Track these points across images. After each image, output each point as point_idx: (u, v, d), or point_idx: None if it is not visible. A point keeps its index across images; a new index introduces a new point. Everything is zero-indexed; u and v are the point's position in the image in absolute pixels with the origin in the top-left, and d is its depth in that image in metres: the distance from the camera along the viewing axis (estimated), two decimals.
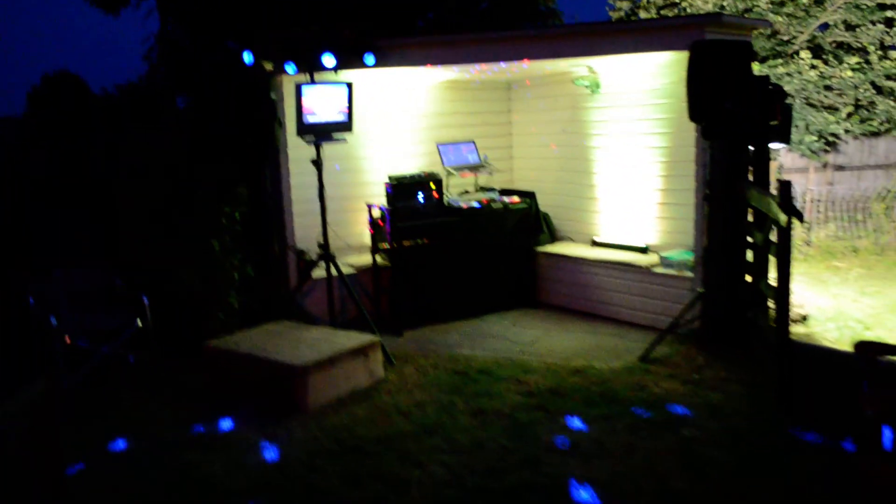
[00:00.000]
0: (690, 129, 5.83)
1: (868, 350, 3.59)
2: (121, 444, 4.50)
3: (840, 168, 12.28)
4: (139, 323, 5.62)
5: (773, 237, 4.74)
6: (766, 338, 5.10)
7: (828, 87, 11.52)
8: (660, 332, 5.75)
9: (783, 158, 12.63)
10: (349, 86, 5.77)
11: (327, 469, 4.04)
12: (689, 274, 6.03)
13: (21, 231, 5.96)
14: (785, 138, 5.70)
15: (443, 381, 5.29)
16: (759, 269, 5.26)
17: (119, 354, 5.57)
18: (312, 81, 5.66)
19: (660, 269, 6.30)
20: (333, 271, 5.99)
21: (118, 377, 5.58)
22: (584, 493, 3.68)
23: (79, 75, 14.01)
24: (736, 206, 5.39)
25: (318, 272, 6.28)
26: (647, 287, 6.38)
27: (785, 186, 4.38)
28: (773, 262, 4.76)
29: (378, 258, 6.79)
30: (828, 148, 11.95)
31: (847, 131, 11.65)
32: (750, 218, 5.39)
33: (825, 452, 3.99)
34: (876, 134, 11.77)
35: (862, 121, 11.61)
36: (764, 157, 5.56)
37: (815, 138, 11.61)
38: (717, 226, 5.51)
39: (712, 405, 4.67)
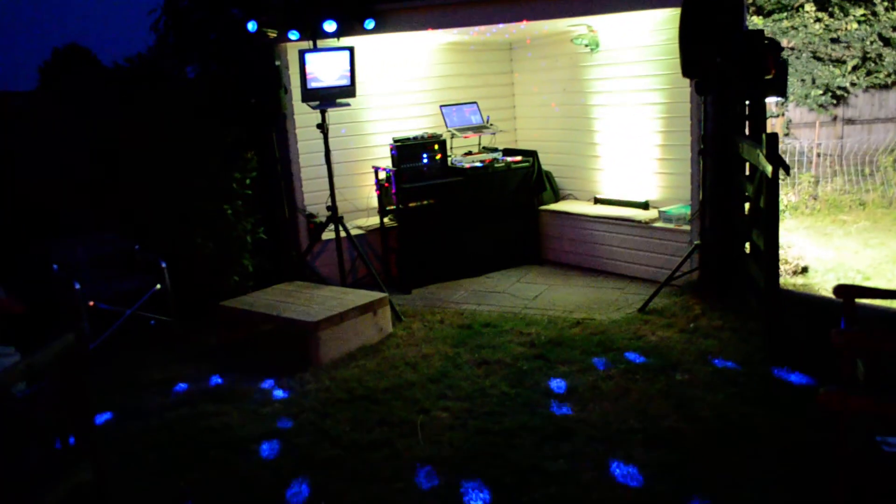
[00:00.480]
0: (687, 85, 5.95)
1: (846, 292, 3.77)
2: (144, 398, 4.79)
3: (850, 122, 12.27)
4: (158, 286, 5.87)
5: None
6: (758, 287, 5.27)
7: (834, 40, 11.47)
8: (658, 285, 5.93)
9: (791, 113, 12.63)
10: (351, 51, 5.92)
11: (338, 416, 4.30)
12: (687, 227, 6.19)
13: (42, 199, 6.20)
14: (781, 92, 5.81)
15: (449, 335, 5.53)
16: (753, 221, 5.41)
17: (140, 316, 5.84)
18: (315, 48, 5.82)
19: (659, 224, 6.46)
20: (342, 233, 6.21)
21: (140, 338, 5.86)
22: (578, 433, 3.91)
23: (89, 48, 14.19)
24: (729, 160, 5.53)
25: (328, 234, 6.51)
26: (647, 241, 6.55)
27: (771, 139, 4.51)
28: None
29: (385, 219, 7.00)
30: (836, 102, 11.93)
31: (854, 84, 11.63)
32: (748, 172, 5.53)
33: (806, 390, 4.19)
34: (886, 87, 11.73)
35: (868, 73, 11.57)
36: (760, 111, 5.67)
37: (820, 92, 11.61)
38: (711, 179, 5.66)
39: (706, 351, 4.87)
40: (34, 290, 5.62)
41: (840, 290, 3.80)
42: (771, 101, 10.99)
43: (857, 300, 3.61)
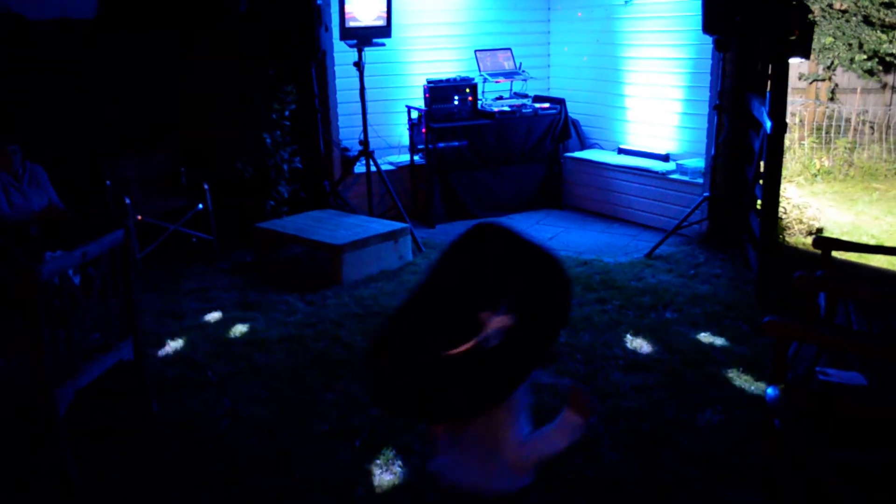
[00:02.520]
0: (709, 42, 6.12)
1: (824, 244, 4.06)
2: (181, 302, 5.34)
3: None
4: (200, 206, 6.37)
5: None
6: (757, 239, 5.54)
7: (886, 5, 11.29)
8: (666, 233, 6.23)
9: (839, 78, 12.51)
10: None
11: (352, 327, 4.77)
12: (700, 180, 6.44)
13: (97, 121, 6.71)
14: (805, 53, 5.95)
15: None
16: (759, 176, 5.64)
17: (183, 233, 6.36)
18: None
19: (675, 176, 6.72)
20: (373, 167, 6.61)
21: (182, 253, 6.39)
22: (567, 358, 4.31)
23: None
24: (743, 117, 5.75)
25: (359, 168, 6.93)
26: (663, 192, 6.82)
27: (776, 96, 4.74)
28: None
29: (415, 157, 7.38)
30: (884, 69, 11.77)
31: None
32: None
33: None
34: None
35: None
36: (782, 72, 5.84)
37: (865, 57, 11.48)
38: (724, 135, 5.89)
39: (699, 295, 5.20)
40: (89, 204, 6.18)
41: (818, 242, 4.10)
42: (809, 63, 10.93)
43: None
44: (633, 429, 3.56)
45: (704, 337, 4.52)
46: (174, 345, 4.63)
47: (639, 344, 4.46)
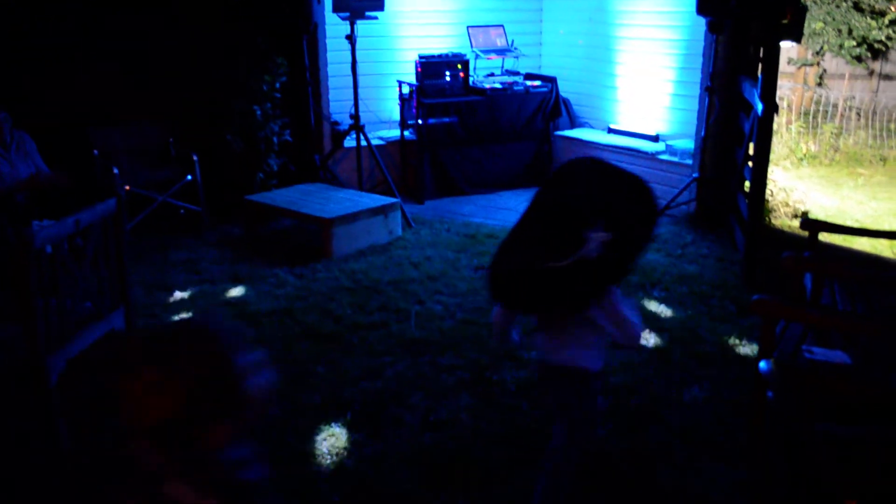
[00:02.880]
0: (702, 23, 6.13)
1: (811, 226, 4.12)
2: (170, 273, 5.32)
3: (888, 77, 12.17)
4: (189, 177, 6.33)
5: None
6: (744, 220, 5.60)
7: None
8: None
9: (827, 63, 12.58)
10: None
11: (343, 300, 4.79)
12: (689, 161, 6.48)
13: (85, 90, 6.62)
14: (797, 37, 5.99)
15: (453, 242, 5.96)
16: (748, 159, 5.69)
17: (171, 205, 6.33)
18: None
19: (664, 157, 6.75)
20: (363, 142, 6.59)
21: (170, 224, 6.36)
22: None
23: None
24: (733, 99, 5.78)
25: (349, 142, 6.90)
26: (652, 173, 6.85)
27: (768, 79, 4.77)
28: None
29: (405, 132, 7.36)
30: (872, 56, 11.84)
31: (890, 38, 11.52)
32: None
33: None
34: None
35: None
36: (773, 55, 5.87)
37: (854, 43, 11.53)
38: (714, 116, 5.92)
39: (686, 275, 5.26)
40: (75, 173, 6.11)
41: (805, 223, 4.16)
42: (798, 48, 10.97)
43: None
44: (621, 404, 3.61)
45: (691, 316, 4.58)
46: (163, 317, 4.62)
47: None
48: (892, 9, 11.32)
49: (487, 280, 2.48)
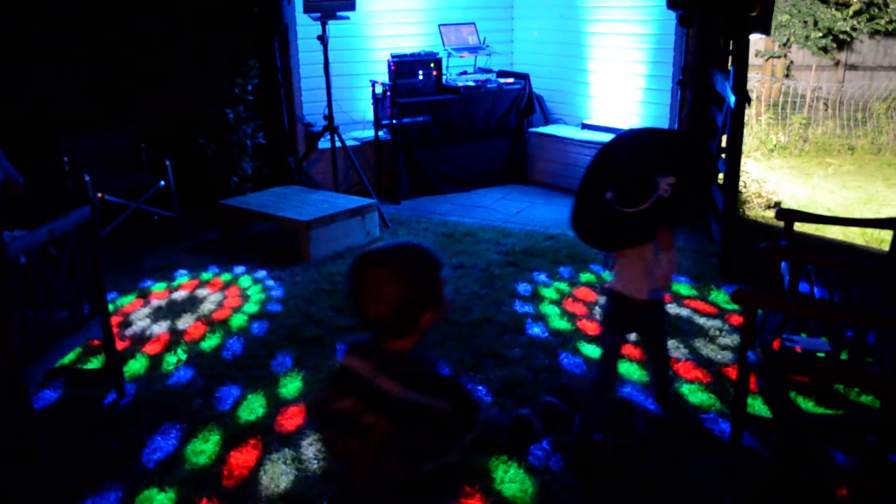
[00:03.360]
0: (673, 17, 6.18)
1: (787, 216, 4.18)
2: (147, 281, 5.25)
3: (853, 67, 12.35)
4: (162, 183, 6.25)
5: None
6: (720, 213, 5.65)
7: None
8: None
9: (794, 55, 12.75)
10: None
11: (322, 303, 4.76)
12: None
13: (53, 96, 6.51)
14: (766, 29, 6.06)
15: (431, 241, 5.93)
16: (721, 151, 5.74)
17: (145, 211, 6.24)
18: None
19: None
20: (338, 143, 6.55)
21: (145, 231, 6.28)
22: (535, 328, 4.37)
23: None
24: (705, 92, 5.83)
25: (324, 143, 6.86)
26: None
27: (739, 71, 4.82)
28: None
29: (380, 132, 7.33)
30: (837, 46, 12.02)
31: (854, 29, 11.71)
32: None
33: None
34: (893, 35, 11.77)
35: (871, 19, 11.64)
36: (743, 47, 5.93)
37: (820, 35, 11.70)
38: (687, 109, 5.97)
39: None
40: (46, 181, 6.00)
41: (781, 213, 4.22)
42: (765, 40, 11.11)
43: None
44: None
45: (671, 308, 4.61)
46: (141, 324, 4.56)
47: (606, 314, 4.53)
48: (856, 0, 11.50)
49: (574, 230, 2.99)
